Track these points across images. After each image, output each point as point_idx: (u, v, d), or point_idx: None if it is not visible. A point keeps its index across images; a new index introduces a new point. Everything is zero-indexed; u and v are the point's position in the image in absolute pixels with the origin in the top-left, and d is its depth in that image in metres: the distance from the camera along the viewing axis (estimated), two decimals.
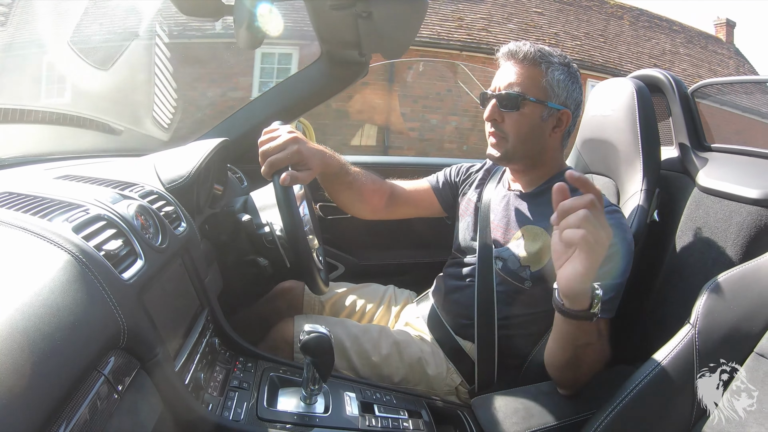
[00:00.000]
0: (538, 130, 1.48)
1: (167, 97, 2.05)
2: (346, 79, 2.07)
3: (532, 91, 1.45)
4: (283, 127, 1.37)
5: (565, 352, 1.18)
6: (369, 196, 1.68)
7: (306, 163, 1.36)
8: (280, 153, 1.30)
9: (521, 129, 1.48)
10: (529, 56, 1.46)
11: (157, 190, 1.27)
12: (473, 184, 1.78)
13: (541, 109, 1.46)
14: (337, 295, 1.89)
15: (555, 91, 1.46)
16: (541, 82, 1.45)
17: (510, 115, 1.47)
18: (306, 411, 1.14)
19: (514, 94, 1.45)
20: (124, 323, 0.77)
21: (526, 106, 1.45)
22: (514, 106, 1.46)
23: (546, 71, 1.45)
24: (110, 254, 0.86)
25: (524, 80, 1.46)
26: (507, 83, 1.47)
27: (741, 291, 1.09)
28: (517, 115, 1.46)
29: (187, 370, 1.03)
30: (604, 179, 1.86)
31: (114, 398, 0.71)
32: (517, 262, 1.48)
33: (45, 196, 0.95)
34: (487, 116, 1.50)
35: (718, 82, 2.09)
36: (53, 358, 0.61)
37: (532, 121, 1.47)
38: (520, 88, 1.45)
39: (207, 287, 1.27)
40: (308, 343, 1.07)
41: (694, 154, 1.87)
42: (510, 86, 1.46)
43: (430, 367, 1.54)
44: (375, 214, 1.75)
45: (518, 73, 1.47)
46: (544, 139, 1.51)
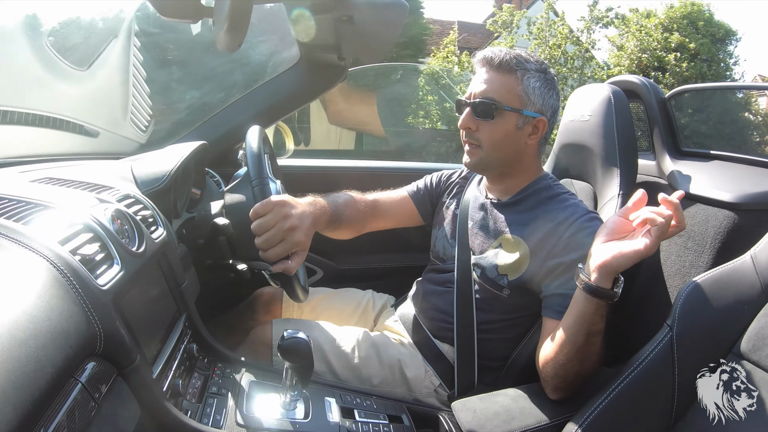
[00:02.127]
0: (514, 138, 1.48)
1: (145, 99, 2.03)
2: (326, 83, 2.06)
3: (507, 99, 1.45)
4: (276, 207, 1.25)
5: (577, 340, 1.18)
6: (356, 226, 1.68)
7: (302, 246, 1.31)
8: (279, 248, 1.25)
9: (495, 137, 1.48)
10: (504, 63, 1.45)
11: (133, 193, 1.26)
12: (452, 192, 1.79)
13: (516, 117, 1.46)
14: (316, 300, 1.88)
15: (531, 99, 1.46)
16: (516, 89, 1.45)
17: (484, 124, 1.47)
18: (286, 417, 1.13)
19: (488, 103, 1.44)
20: (101, 329, 0.76)
21: (501, 114, 1.45)
22: (488, 115, 1.45)
23: (522, 78, 1.45)
24: (86, 259, 0.85)
25: (499, 88, 1.45)
26: (481, 91, 1.47)
27: (718, 293, 1.11)
28: (492, 123, 1.46)
29: (165, 376, 1.02)
30: (581, 184, 1.87)
31: (91, 405, 0.70)
32: (495, 270, 1.49)
33: (20, 198, 0.93)
34: (461, 124, 1.51)
35: (694, 88, 2.12)
36: (28, 365, 0.60)
37: (507, 130, 1.47)
38: (494, 96, 1.45)
39: (184, 292, 1.25)
40: (287, 348, 1.06)
41: (671, 159, 1.90)
42: (484, 94, 1.46)
43: (409, 369, 1.54)
44: (358, 233, 1.74)
45: (493, 80, 1.46)
46: (519, 147, 1.51)
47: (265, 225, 1.24)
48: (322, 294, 1.92)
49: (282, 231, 1.24)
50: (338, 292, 1.96)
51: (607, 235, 1.15)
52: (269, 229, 1.24)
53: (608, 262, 1.10)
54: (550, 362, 1.26)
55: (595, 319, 1.15)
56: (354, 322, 1.84)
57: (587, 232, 1.37)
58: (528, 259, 1.44)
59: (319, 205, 1.44)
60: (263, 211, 1.24)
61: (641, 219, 1.09)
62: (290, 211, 1.26)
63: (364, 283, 2.09)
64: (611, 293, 1.12)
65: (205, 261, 1.56)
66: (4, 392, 0.55)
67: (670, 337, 1.09)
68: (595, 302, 1.13)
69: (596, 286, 1.12)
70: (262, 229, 1.24)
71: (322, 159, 1.69)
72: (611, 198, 1.69)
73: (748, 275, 1.11)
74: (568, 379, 1.25)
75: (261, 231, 1.24)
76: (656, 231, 1.05)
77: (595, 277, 1.12)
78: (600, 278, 1.11)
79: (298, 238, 1.26)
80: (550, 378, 1.29)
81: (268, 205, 1.24)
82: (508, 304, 1.50)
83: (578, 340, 1.18)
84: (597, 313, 1.15)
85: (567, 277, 1.36)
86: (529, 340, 1.51)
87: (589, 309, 1.15)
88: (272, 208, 1.24)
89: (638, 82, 2.02)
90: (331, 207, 1.51)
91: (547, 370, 1.28)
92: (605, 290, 1.12)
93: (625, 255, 1.08)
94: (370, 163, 2.60)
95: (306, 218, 1.31)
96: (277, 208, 1.24)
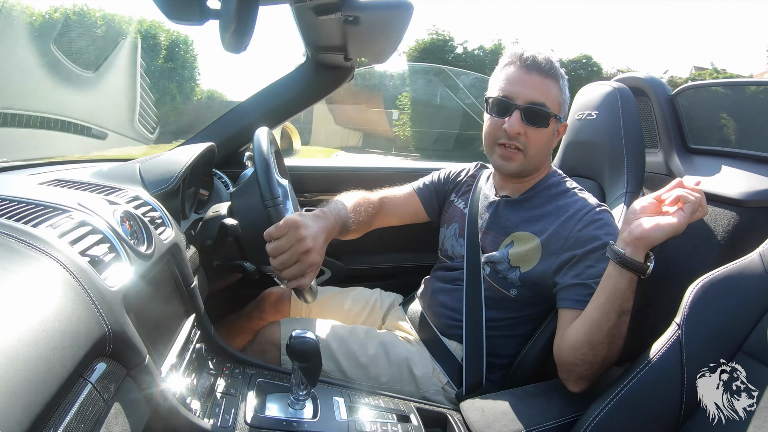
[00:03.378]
0: (550, 143, 1.52)
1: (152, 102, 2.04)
2: (332, 83, 2.07)
3: (553, 107, 1.46)
4: (290, 231, 1.24)
5: (610, 318, 1.19)
6: (364, 228, 1.68)
7: (317, 265, 1.31)
8: (294, 269, 1.25)
9: (541, 144, 1.49)
10: (552, 69, 1.46)
11: (142, 195, 1.26)
12: (460, 190, 1.79)
13: (554, 122, 1.48)
14: (324, 299, 1.89)
15: (564, 106, 1.50)
16: (559, 97, 1.47)
17: (534, 130, 1.46)
18: (294, 416, 1.13)
19: (546, 111, 1.44)
20: (110, 330, 0.76)
21: (552, 122, 1.47)
22: (541, 123, 1.45)
23: (563, 87, 1.48)
24: (95, 260, 0.85)
25: (548, 94, 1.45)
26: (533, 96, 1.44)
27: (726, 291, 1.10)
28: (542, 131, 1.47)
29: (174, 376, 1.02)
30: (589, 182, 1.87)
31: (101, 405, 0.70)
32: (507, 263, 1.49)
33: (30, 201, 0.94)
34: (510, 129, 1.45)
35: (700, 85, 2.11)
36: (38, 365, 0.60)
37: (549, 136, 1.50)
38: (546, 102, 1.45)
39: (193, 293, 1.26)
40: (295, 348, 1.06)
41: (679, 156, 1.89)
42: (536, 100, 1.44)
43: (417, 367, 1.54)
44: (364, 232, 1.74)
45: (545, 87, 1.46)
46: (549, 151, 1.54)
47: (280, 248, 1.24)
48: (330, 293, 1.92)
49: (297, 254, 1.24)
50: (346, 291, 1.96)
51: (640, 212, 1.19)
52: (284, 252, 1.24)
53: (646, 233, 1.13)
54: (579, 349, 1.25)
55: (627, 295, 1.18)
56: (362, 321, 1.85)
57: (598, 223, 1.39)
58: (540, 252, 1.45)
59: (329, 219, 1.42)
60: (278, 234, 1.24)
61: (673, 197, 1.15)
62: (303, 233, 1.25)
63: (371, 283, 2.10)
64: (644, 266, 1.15)
65: (213, 262, 1.56)
66: (14, 392, 0.55)
67: (678, 336, 1.09)
68: (629, 276, 1.16)
69: (631, 259, 1.15)
70: (277, 252, 1.24)
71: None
72: (619, 195, 1.69)
73: (756, 273, 1.10)
74: (596, 364, 1.24)
75: (276, 254, 1.24)
76: (689, 208, 1.12)
77: (631, 249, 1.15)
78: (635, 250, 1.15)
79: (313, 259, 1.27)
80: (575, 366, 1.28)
81: (283, 228, 1.24)
82: (516, 302, 1.50)
83: (611, 318, 1.19)
84: (629, 288, 1.17)
85: (582, 266, 1.36)
86: (538, 338, 1.51)
87: (622, 284, 1.17)
88: (287, 231, 1.24)
89: (644, 78, 2.01)
90: (341, 217, 1.50)
91: (573, 358, 1.27)
92: (639, 263, 1.15)
93: (662, 227, 1.12)
94: (376, 164, 2.61)
95: (319, 237, 1.31)
96: (292, 231, 1.24)
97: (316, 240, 1.28)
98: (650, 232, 1.13)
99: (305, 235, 1.25)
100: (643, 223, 1.14)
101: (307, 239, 1.25)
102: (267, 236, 1.25)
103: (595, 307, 1.23)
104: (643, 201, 1.20)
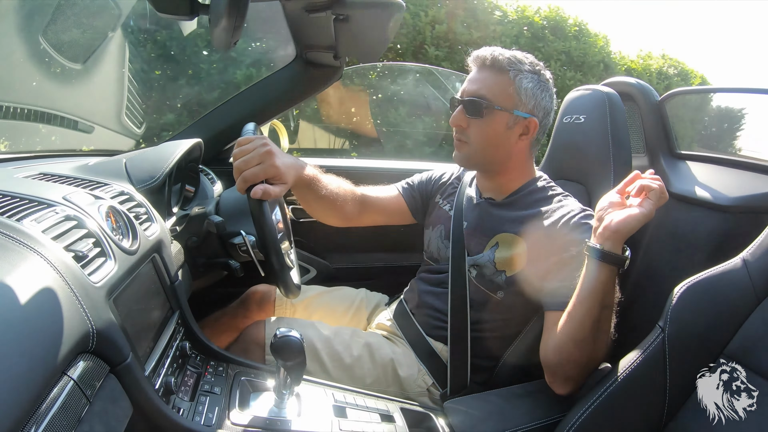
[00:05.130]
0: (503, 137, 1.50)
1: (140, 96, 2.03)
2: (321, 82, 2.07)
3: (498, 99, 1.46)
4: (257, 139, 1.28)
5: (592, 313, 1.19)
6: (341, 204, 1.64)
7: (281, 177, 1.28)
8: (256, 167, 1.23)
9: (484, 136, 1.50)
10: (497, 62, 1.47)
11: (128, 190, 1.26)
12: (445, 192, 1.79)
13: (507, 117, 1.47)
14: (309, 298, 1.88)
15: (522, 99, 1.47)
16: (508, 89, 1.46)
17: (474, 122, 1.49)
18: (278, 415, 1.13)
19: (479, 101, 1.46)
20: (93, 326, 0.76)
21: (491, 113, 1.47)
22: (477, 113, 1.47)
23: (514, 78, 1.46)
24: (80, 256, 0.85)
25: (491, 86, 1.47)
26: (473, 89, 1.49)
27: (709, 295, 1.11)
28: (481, 122, 1.48)
29: (158, 374, 1.01)
30: (575, 185, 1.88)
31: (83, 402, 0.69)
32: (493, 267, 1.49)
33: (14, 194, 0.93)
34: (452, 121, 1.53)
35: (688, 91, 2.13)
36: (20, 361, 0.60)
37: (497, 129, 1.48)
38: (486, 94, 1.46)
39: (177, 290, 1.25)
40: (280, 346, 1.06)
41: (665, 162, 1.90)
42: (476, 92, 1.48)
43: (402, 369, 1.55)
44: (346, 222, 1.72)
45: (485, 79, 1.48)
46: (509, 147, 1.52)
47: (245, 150, 1.25)
48: (315, 292, 1.92)
49: (260, 154, 1.24)
50: (331, 290, 1.96)
51: (609, 207, 1.22)
52: (248, 153, 1.25)
53: (620, 225, 1.15)
54: (564, 348, 1.25)
55: (608, 288, 1.19)
56: (347, 321, 1.85)
57: (584, 228, 1.39)
58: (525, 256, 1.45)
59: (300, 162, 1.43)
60: (245, 142, 1.26)
61: (637, 188, 1.20)
62: (270, 143, 1.27)
63: (357, 282, 2.09)
64: (623, 258, 1.17)
65: (198, 259, 1.55)
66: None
67: (662, 339, 1.10)
68: (608, 269, 1.17)
69: (609, 251, 1.16)
70: (242, 154, 1.25)
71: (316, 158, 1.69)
72: None
73: (739, 278, 1.11)
74: (581, 363, 1.25)
75: (239, 155, 1.25)
76: (654, 195, 1.16)
77: (609, 244, 1.17)
78: (612, 243, 1.17)
79: (274, 162, 1.25)
80: (561, 367, 1.28)
81: (250, 138, 1.28)
82: (502, 305, 1.51)
83: (593, 313, 1.19)
84: (610, 281, 1.18)
85: (568, 270, 1.35)
86: (522, 339, 1.52)
87: (602, 277, 1.18)
88: (254, 139, 1.27)
89: (633, 83, 2.03)
90: (314, 172, 1.50)
91: (559, 358, 1.28)
92: (617, 255, 1.17)
93: (635, 217, 1.15)
94: (366, 163, 2.61)
95: (286, 156, 1.33)
96: (258, 139, 1.27)
97: (281, 153, 1.30)
98: (624, 223, 1.15)
99: (270, 143, 1.28)
100: (615, 217, 1.17)
101: (272, 146, 1.27)
102: (236, 145, 1.27)
103: (577, 303, 1.23)
104: (609, 197, 1.24)
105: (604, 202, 1.24)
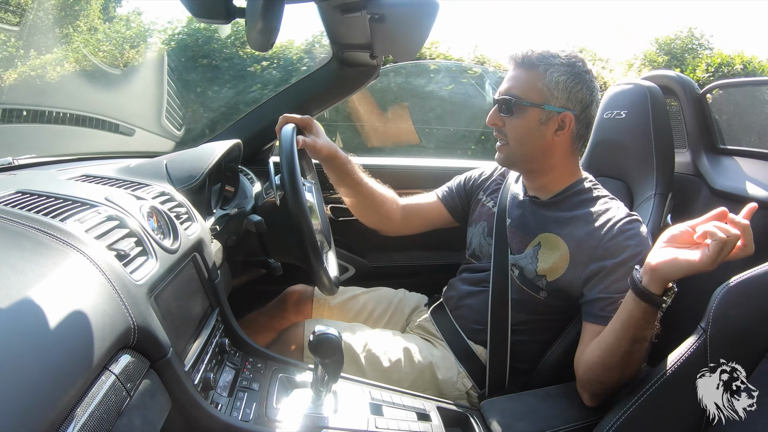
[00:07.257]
0: (537, 133, 1.47)
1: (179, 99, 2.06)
2: (358, 81, 2.07)
3: (527, 95, 1.45)
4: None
5: (621, 345, 1.17)
6: (380, 201, 1.68)
7: (315, 133, 1.57)
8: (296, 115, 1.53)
9: (518, 133, 1.48)
10: (527, 59, 1.45)
11: (168, 191, 1.28)
12: (488, 189, 1.77)
13: (538, 112, 1.45)
14: (346, 299, 1.88)
15: (554, 94, 1.44)
16: (537, 84, 1.44)
17: (508, 120, 1.49)
18: (315, 412, 1.14)
19: (509, 99, 1.46)
20: (135, 323, 0.78)
21: (522, 110, 1.45)
22: (509, 111, 1.47)
23: (545, 73, 1.44)
24: (122, 254, 0.87)
25: (521, 84, 1.46)
26: (506, 88, 1.48)
27: (753, 295, 1.08)
28: (514, 119, 1.47)
29: (197, 369, 1.03)
30: (616, 182, 1.84)
31: (124, 396, 0.71)
32: (534, 272, 1.48)
33: (58, 196, 0.96)
34: (488, 121, 1.53)
35: (730, 84, 2.08)
36: (64, 357, 0.62)
37: (529, 125, 1.46)
38: (516, 91, 1.46)
39: (217, 288, 1.27)
40: (318, 344, 1.07)
41: (707, 157, 1.86)
42: (507, 90, 1.47)
43: (441, 372, 1.54)
44: (390, 226, 1.77)
45: (517, 76, 1.48)
46: (545, 143, 1.49)
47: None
48: (353, 293, 1.91)
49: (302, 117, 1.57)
50: (369, 291, 1.95)
51: (668, 241, 1.13)
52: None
53: (660, 265, 1.08)
54: (593, 369, 1.25)
55: (641, 324, 1.13)
56: (385, 322, 1.84)
57: (628, 234, 1.36)
58: (568, 260, 1.43)
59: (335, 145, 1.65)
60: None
61: (702, 231, 1.05)
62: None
63: (396, 281, 2.09)
64: (658, 299, 1.10)
65: (237, 257, 1.57)
66: (39, 382, 0.56)
67: (703, 340, 1.07)
68: (643, 306, 1.11)
69: (644, 289, 1.10)
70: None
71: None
72: (647, 197, 1.66)
73: None
74: (608, 385, 1.24)
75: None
76: (714, 246, 1.00)
77: (647, 279, 1.10)
78: (650, 281, 1.10)
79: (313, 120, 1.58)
80: (590, 384, 1.28)
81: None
82: (543, 306, 1.49)
83: (623, 345, 1.17)
84: (644, 318, 1.13)
85: (610, 281, 1.34)
86: (561, 342, 1.50)
87: (636, 313, 1.13)
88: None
89: (673, 77, 1.98)
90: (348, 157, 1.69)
91: (588, 377, 1.27)
92: (653, 295, 1.10)
93: (678, 263, 1.06)
94: (406, 161, 2.60)
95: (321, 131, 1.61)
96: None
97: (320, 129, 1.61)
98: (666, 264, 1.08)
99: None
100: (662, 254, 1.09)
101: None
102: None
103: (611, 331, 1.21)
104: (676, 228, 1.13)
105: (668, 232, 1.14)
